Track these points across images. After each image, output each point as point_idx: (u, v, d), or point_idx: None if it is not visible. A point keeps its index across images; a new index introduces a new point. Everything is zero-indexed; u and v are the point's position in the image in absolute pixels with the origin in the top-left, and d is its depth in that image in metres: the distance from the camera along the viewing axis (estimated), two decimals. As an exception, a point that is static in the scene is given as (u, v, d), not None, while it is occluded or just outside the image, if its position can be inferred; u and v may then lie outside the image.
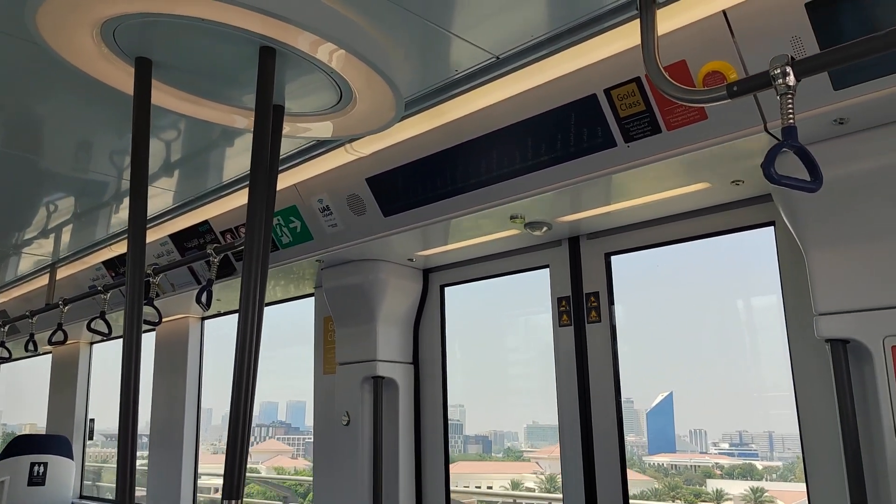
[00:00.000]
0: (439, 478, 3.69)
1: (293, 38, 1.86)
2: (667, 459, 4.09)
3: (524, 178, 2.61)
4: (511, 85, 2.44)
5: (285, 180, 3.27)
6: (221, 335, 5.22)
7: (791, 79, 1.60)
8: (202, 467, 5.03)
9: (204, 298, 3.24)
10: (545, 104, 2.46)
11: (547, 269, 3.39)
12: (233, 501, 1.82)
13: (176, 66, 2.04)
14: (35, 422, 7.08)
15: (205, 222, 3.83)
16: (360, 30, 1.96)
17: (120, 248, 4.46)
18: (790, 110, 1.61)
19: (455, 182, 2.81)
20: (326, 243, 3.41)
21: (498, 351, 4.41)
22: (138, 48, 1.95)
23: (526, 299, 3.80)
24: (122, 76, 2.08)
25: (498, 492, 5.76)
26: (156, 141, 2.76)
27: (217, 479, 5.72)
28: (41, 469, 5.39)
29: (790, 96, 1.61)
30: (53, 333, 4.70)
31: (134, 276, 2.00)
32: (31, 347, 5.14)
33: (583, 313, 3.22)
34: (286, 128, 2.35)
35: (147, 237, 2.32)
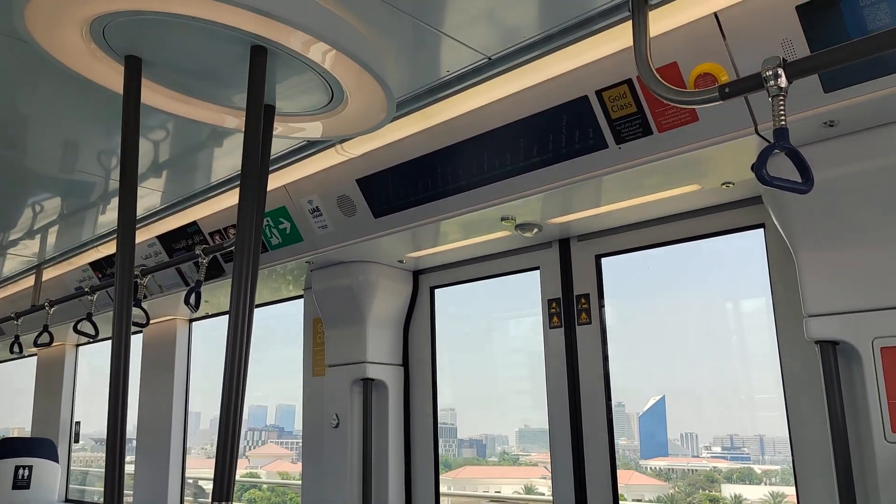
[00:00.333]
0: (429, 480, 3.68)
1: (285, 37, 1.84)
2: (663, 464, 4.07)
3: (515, 180, 2.61)
4: (502, 86, 2.44)
5: (275, 181, 3.25)
6: (208, 337, 5.18)
7: (783, 81, 1.61)
8: (197, 472, 4.99)
9: (192, 300, 3.22)
10: (537, 105, 2.46)
11: (537, 271, 3.39)
12: (223, 504, 1.81)
13: (166, 65, 2.02)
14: (23, 426, 6.99)
15: (193, 223, 3.81)
16: (352, 29, 1.95)
17: (107, 250, 4.42)
18: (782, 112, 1.62)
19: (446, 183, 2.81)
20: (316, 245, 3.40)
21: (488, 353, 4.40)
22: (128, 46, 1.93)
23: (516, 301, 3.80)
24: (112, 74, 2.05)
25: (508, 495, 5.75)
26: (144, 141, 2.74)
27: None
28: (26, 472, 5.33)
29: (782, 98, 1.62)
30: (39, 335, 4.65)
31: (123, 278, 1.98)
32: (17, 349, 5.09)
33: (573, 315, 3.22)
34: (277, 128, 2.33)
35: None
